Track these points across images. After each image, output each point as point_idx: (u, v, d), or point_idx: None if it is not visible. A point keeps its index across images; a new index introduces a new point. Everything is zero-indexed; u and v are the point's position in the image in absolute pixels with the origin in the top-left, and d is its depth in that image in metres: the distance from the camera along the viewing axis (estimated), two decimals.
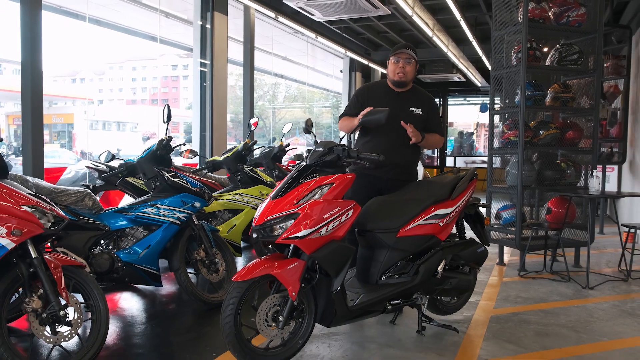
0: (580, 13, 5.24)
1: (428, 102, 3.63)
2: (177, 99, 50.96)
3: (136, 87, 55.51)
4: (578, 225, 5.38)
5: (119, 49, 49.50)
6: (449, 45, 9.84)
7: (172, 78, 53.62)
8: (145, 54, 49.33)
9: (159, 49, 40.26)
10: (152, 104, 49.55)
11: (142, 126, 34.50)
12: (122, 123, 35.07)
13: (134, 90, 55.51)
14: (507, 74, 5.53)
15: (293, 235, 2.69)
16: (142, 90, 55.35)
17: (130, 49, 38.09)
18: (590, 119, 5.54)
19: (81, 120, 26.28)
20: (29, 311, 2.57)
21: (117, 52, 52.79)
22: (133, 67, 55.49)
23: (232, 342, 2.68)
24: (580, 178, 5.47)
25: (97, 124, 31.91)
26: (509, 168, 5.38)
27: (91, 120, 30.30)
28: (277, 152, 5.85)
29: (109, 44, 30.64)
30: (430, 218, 3.23)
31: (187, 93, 46.73)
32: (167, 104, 3.64)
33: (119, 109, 43.00)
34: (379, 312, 3.11)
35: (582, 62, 5.33)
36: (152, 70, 53.14)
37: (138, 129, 35.03)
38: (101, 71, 53.25)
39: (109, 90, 55.75)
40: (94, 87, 51.95)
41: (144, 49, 44.10)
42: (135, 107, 49.53)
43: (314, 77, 14.21)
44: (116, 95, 55.70)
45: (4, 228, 2.47)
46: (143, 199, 3.80)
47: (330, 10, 6.67)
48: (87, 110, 29.13)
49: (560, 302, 4.21)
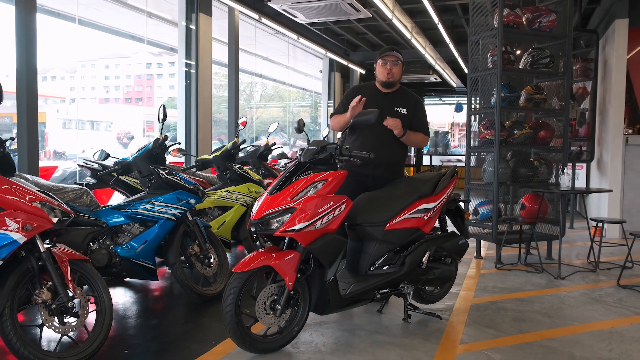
0: (551, 19, 5.55)
1: (414, 103, 3.81)
2: (152, 98, 50.32)
3: (109, 86, 54.59)
4: (550, 220, 5.68)
5: (91, 47, 48.60)
6: (427, 47, 10.13)
7: (147, 76, 52.89)
8: (119, 52, 48.66)
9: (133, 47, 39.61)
10: (125, 103, 48.86)
11: (117, 125, 34.06)
12: (95, 122, 34.54)
13: (107, 88, 54.58)
14: (483, 76, 5.81)
15: (290, 229, 2.88)
16: (116, 88, 54.47)
17: (103, 47, 37.43)
18: (560, 119, 5.86)
19: (54, 119, 25.85)
20: (39, 302, 2.69)
21: (89, 50, 51.82)
22: (106, 65, 54.53)
23: (233, 330, 2.85)
24: (552, 175, 5.78)
25: (70, 123, 31.39)
26: (485, 166, 5.65)
27: (64, 119, 29.82)
28: (263, 151, 6.01)
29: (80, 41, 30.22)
30: (416, 212, 3.44)
31: (162, 91, 46.26)
32: (163, 104, 3.78)
33: (92, 108, 42.28)
34: (368, 301, 3.32)
35: (553, 65, 5.64)
36: (125, 68, 52.32)
37: (112, 128, 34.57)
38: (73, 69, 52.21)
39: (81, 89, 54.70)
40: (66, 85, 50.96)
41: (117, 47, 43.34)
42: (108, 105, 48.74)
43: (293, 77, 14.36)
44: (89, 93, 54.61)
45: (16, 223, 2.59)
46: (139, 196, 3.92)
47: (314, 13, 6.85)
48: (59, 109, 28.65)
49: (535, 291, 4.48)
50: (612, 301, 4.19)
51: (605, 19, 7.94)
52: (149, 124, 28.69)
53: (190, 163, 6.29)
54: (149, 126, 28.93)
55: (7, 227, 2.56)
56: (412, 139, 3.76)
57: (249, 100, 33.25)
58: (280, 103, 27.67)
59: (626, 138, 7.20)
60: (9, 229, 2.57)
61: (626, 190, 7.23)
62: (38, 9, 4.79)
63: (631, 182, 7.23)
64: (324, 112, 13.45)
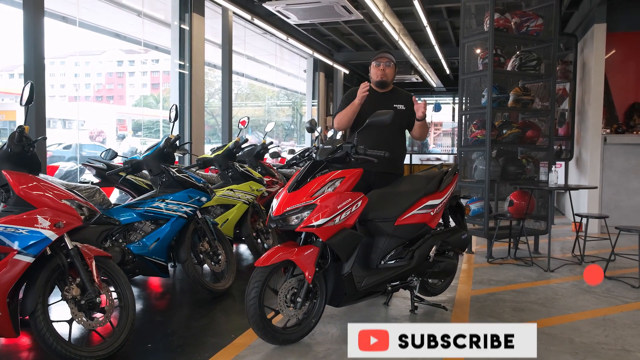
0: (539, 24, 5.80)
1: (409, 100, 4.00)
2: (123, 96, 49.44)
3: (79, 84, 53.44)
4: (537, 216, 5.93)
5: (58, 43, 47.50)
6: (412, 49, 10.35)
7: (118, 74, 51.96)
8: (88, 49, 47.59)
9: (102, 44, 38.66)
10: (96, 101, 47.91)
11: (89, 124, 33.44)
12: (67, 120, 33.88)
13: (77, 86, 53.45)
14: (470, 78, 6.02)
15: (311, 224, 3.00)
16: (86, 86, 53.38)
17: (72, 44, 36.45)
18: (543, 119, 6.13)
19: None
20: (69, 298, 2.75)
21: (57, 47, 50.65)
22: (75, 63, 53.37)
23: (257, 322, 2.97)
24: (539, 173, 6.04)
25: None
26: (476, 164, 5.87)
27: None
28: (260, 150, 6.09)
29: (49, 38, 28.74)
30: (423, 208, 3.61)
31: (134, 90, 45.47)
32: (175, 104, 3.84)
33: (63, 106, 41.39)
34: (380, 293, 3.47)
35: (540, 67, 5.89)
36: (96, 66, 51.31)
37: (85, 127, 33.93)
38: None
39: (50, 87, 53.39)
40: None
41: (86, 44, 42.34)
42: (79, 104, 47.73)
43: (277, 77, 14.45)
44: (58, 91, 53.38)
45: (48, 221, 2.64)
46: (150, 194, 3.98)
47: (307, 14, 6.97)
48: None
49: (528, 283, 4.71)
50: (601, 291, 4.44)
51: (583, 23, 8.28)
52: (121, 122, 28.09)
53: (192, 162, 6.32)
54: (121, 125, 28.33)
55: (39, 224, 2.62)
56: (425, 127, 3.96)
57: None
58: (258, 102, 27.51)
59: (604, 137, 7.53)
60: (40, 226, 2.62)
61: (605, 187, 7.56)
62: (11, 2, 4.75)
63: (609, 179, 7.57)
64: (308, 111, 13.56)
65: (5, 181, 2.69)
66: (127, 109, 36.02)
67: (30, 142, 2.75)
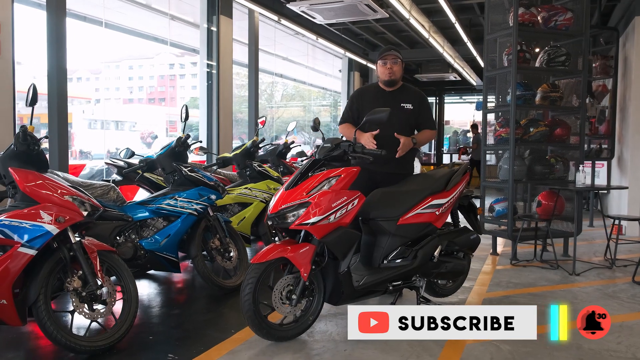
0: (567, 17, 5.57)
1: (418, 98, 3.90)
2: (175, 98, 50.93)
3: (133, 86, 55.54)
4: (567, 217, 5.70)
5: (114, 48, 49.44)
6: (445, 46, 10.17)
7: (169, 77, 53.63)
8: (141, 52, 49.33)
9: (155, 48, 40.16)
10: (149, 103, 49.67)
11: (140, 125, 34.66)
12: (120, 122, 35.24)
13: (131, 89, 55.55)
14: (499, 74, 5.86)
15: (305, 222, 3.02)
16: (139, 89, 55.41)
17: (127, 48, 38.07)
18: (578, 116, 5.88)
19: (79, 119, 26.48)
20: (71, 290, 2.88)
21: (113, 51, 52.68)
22: (129, 66, 55.51)
23: (251, 317, 3.01)
24: (569, 172, 5.80)
25: (95, 123, 32.10)
26: (501, 163, 5.71)
27: (89, 120, 30.52)
28: (282, 150, 6.16)
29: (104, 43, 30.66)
30: (428, 207, 3.55)
31: (184, 92, 46.74)
32: (185, 104, 3.96)
33: (117, 108, 43.13)
34: (381, 293, 3.44)
35: (569, 63, 5.66)
36: (148, 69, 53.18)
37: (136, 128, 35.20)
38: (97, 70, 53.18)
39: (105, 90, 55.69)
40: (91, 86, 52.03)
41: (140, 48, 43.96)
42: (132, 106, 49.57)
43: (313, 77, 14.53)
44: (113, 94, 55.62)
45: (50, 215, 2.78)
46: (163, 192, 4.11)
47: (331, 14, 6.99)
48: (85, 109, 29.36)
49: (548, 286, 4.54)
50: (626, 297, 4.23)
51: (625, 16, 7.89)
52: (172, 123, 29.05)
53: (212, 161, 6.47)
54: (172, 126, 29.28)
55: (41, 219, 2.76)
56: (422, 139, 3.88)
57: (270, 99, 33.45)
58: (301, 102, 27.74)
59: None
60: (43, 221, 2.76)
61: None
62: (67, 13, 5.03)
63: None
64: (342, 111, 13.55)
65: (13, 178, 2.85)
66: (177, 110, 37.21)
67: (35, 140, 2.89)
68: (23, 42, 5.66)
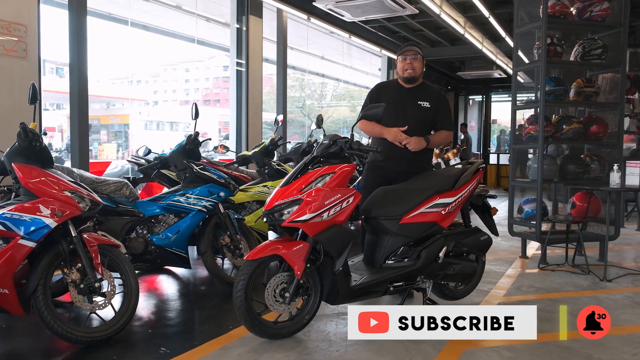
0: (604, 7, 5.25)
1: (437, 96, 3.81)
2: (228, 99, 52.19)
3: (189, 88, 57.24)
4: (600, 220, 5.38)
5: (170, 52, 51.15)
6: (484, 42, 9.83)
7: (223, 79, 54.88)
8: (197, 55, 50.69)
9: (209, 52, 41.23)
10: (204, 104, 51.07)
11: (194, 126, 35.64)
12: (174, 123, 36.39)
13: (187, 91, 57.29)
14: (531, 69, 5.60)
15: (297, 219, 2.98)
16: (195, 91, 57.04)
17: (182, 52, 39.34)
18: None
19: (136, 120, 27.55)
20: (69, 282, 2.98)
21: (169, 55, 54.49)
22: (186, 69, 57.28)
23: (243, 314, 3.01)
24: (605, 172, 5.46)
25: (151, 124, 33.30)
26: (530, 162, 5.45)
27: (146, 121, 31.69)
28: (306, 148, 6.13)
29: (160, 48, 31.78)
30: (433, 207, 3.43)
31: None
32: (195, 102, 4.01)
33: (172, 110, 44.62)
34: (380, 293, 3.34)
35: (606, 56, 5.33)
36: (203, 71, 54.69)
37: (190, 129, 36.24)
38: (156, 73, 55.16)
39: (163, 92, 57.75)
40: (149, 88, 54.00)
41: (195, 52, 45.35)
42: (187, 107, 51.03)
43: (353, 76, 14.42)
44: (170, 96, 57.55)
45: (48, 210, 2.89)
46: (174, 188, 4.19)
47: (359, 11, 6.91)
48: (142, 111, 30.51)
49: (573, 292, 4.29)
50: None
51: None
52: (226, 124, 29.60)
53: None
54: (225, 127, 29.82)
55: (40, 212, 2.87)
56: (436, 140, 3.78)
57: (321, 100, 33.54)
58: (350, 102, 27.68)
59: None
60: (42, 214, 2.87)
61: None
62: (131, 23, 5.22)
63: None
64: None
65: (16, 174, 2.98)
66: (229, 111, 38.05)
67: (37, 137, 3.01)
68: None
